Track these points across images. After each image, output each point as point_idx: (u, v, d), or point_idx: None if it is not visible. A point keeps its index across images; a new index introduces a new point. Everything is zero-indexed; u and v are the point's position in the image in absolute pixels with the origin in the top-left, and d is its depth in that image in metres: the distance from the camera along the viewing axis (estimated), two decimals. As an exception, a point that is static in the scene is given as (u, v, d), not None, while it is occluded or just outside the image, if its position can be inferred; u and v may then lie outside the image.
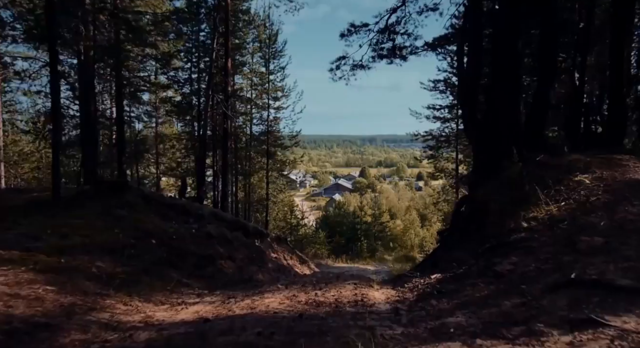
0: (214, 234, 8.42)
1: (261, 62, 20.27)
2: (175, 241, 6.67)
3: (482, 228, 5.61)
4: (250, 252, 9.44)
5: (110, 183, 7.77)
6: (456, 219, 7.20)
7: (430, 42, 10.24)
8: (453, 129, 17.03)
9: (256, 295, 4.46)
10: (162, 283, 4.78)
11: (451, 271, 4.69)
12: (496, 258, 4.28)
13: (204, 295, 4.62)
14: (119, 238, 5.54)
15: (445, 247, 6.84)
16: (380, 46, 10.43)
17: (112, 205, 6.82)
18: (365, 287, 4.80)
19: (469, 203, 6.68)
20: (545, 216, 4.88)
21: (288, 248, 13.94)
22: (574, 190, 5.20)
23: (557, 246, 4.09)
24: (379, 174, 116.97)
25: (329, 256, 22.91)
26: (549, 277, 3.50)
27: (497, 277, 3.89)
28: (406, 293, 4.41)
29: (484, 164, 7.04)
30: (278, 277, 9.05)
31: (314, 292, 4.40)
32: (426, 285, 4.52)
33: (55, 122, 7.19)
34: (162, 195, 8.98)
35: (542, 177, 5.65)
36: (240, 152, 20.94)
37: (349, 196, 63.95)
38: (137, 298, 4.05)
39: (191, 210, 9.02)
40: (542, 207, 5.05)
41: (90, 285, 3.96)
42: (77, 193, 7.13)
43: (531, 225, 4.83)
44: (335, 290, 4.51)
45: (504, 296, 3.44)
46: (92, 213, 6.24)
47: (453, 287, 4.07)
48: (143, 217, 6.96)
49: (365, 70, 10.63)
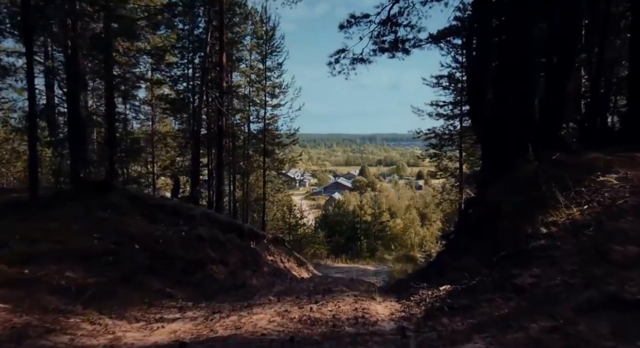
0: (206, 237, 7.93)
1: (258, 58, 19.78)
2: (162, 245, 6.19)
3: (494, 233, 5.12)
4: (244, 255, 8.95)
5: (94, 183, 7.28)
6: (463, 222, 6.73)
7: (435, 34, 9.72)
8: (456, 126, 16.53)
9: (244, 309, 3.98)
10: (140, 295, 4.29)
11: (462, 282, 4.21)
12: (514, 269, 3.80)
13: (187, 309, 4.14)
14: (97, 243, 5.05)
15: (452, 252, 6.36)
16: (381, 39, 9.94)
17: (94, 206, 6.34)
18: (366, 299, 4.32)
19: (478, 204, 6.19)
20: (566, 221, 4.38)
21: (285, 249, 13.46)
22: (596, 192, 4.71)
23: (584, 256, 3.61)
24: (379, 172, 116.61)
25: (329, 256, 22.48)
26: (580, 294, 3.02)
27: (517, 292, 3.41)
28: (412, 308, 3.93)
29: (493, 162, 6.56)
30: (273, 281, 8.58)
31: (308, 307, 3.92)
32: (435, 298, 4.04)
33: (31, 118, 6.70)
34: (150, 196, 8.50)
35: (559, 177, 5.15)
36: (238, 150, 20.45)
37: (349, 195, 63.54)
38: (108, 315, 3.57)
39: (182, 211, 8.53)
40: (562, 211, 4.56)
41: (53, 301, 3.47)
42: (56, 194, 6.65)
43: (551, 230, 4.34)
44: (333, 304, 4.03)
45: (529, 316, 2.96)
46: (71, 216, 5.75)
47: (466, 302, 3.59)
48: (127, 219, 6.47)
49: (366, 64, 10.14)
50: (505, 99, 6.28)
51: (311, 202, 68.09)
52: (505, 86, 6.26)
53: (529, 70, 5.92)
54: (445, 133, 16.71)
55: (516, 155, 6.03)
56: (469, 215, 6.48)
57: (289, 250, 13.85)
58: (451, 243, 7.35)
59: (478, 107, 7.05)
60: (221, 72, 13.34)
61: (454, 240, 7.29)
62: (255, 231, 11.31)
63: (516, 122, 6.08)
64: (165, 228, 7.08)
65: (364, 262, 21.64)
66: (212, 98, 13.89)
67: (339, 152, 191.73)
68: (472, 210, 6.42)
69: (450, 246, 7.15)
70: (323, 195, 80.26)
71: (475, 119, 7.31)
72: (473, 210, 6.35)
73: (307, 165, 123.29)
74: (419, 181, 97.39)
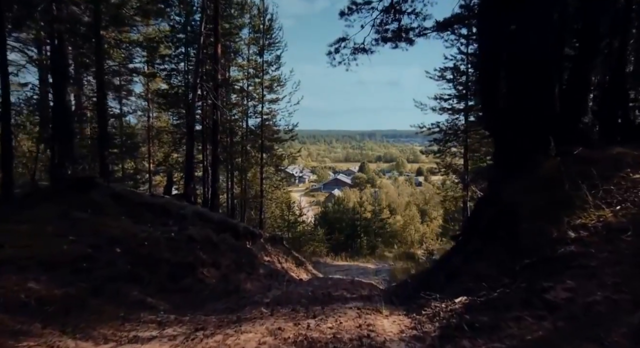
0: (197, 238, 7.43)
1: (256, 51, 19.17)
2: (146, 248, 5.68)
3: (512, 237, 4.59)
4: (239, 256, 8.45)
5: (74, 181, 6.75)
6: (475, 222, 6.21)
7: (442, 21, 9.15)
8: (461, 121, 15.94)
9: (232, 325, 3.47)
10: (115, 308, 3.78)
11: (480, 293, 3.69)
12: (542, 281, 3.28)
13: (167, 324, 3.62)
14: (69, 247, 4.53)
15: (463, 255, 5.84)
16: (384, 27, 9.36)
17: (72, 206, 5.81)
18: (371, 312, 3.82)
19: (491, 204, 5.67)
20: (597, 223, 3.87)
21: (283, 249, 12.97)
22: (629, 191, 4.20)
23: (626, 266, 3.11)
24: (379, 169, 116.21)
25: (328, 254, 22.02)
26: (632, 314, 2.53)
27: (550, 310, 2.90)
28: (425, 324, 3.43)
29: (507, 158, 6.03)
30: (269, 284, 8.08)
31: (305, 323, 3.41)
32: (450, 312, 3.53)
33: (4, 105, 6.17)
34: (138, 194, 7.97)
35: (585, 174, 4.63)
36: (236, 146, 19.91)
37: (349, 191, 63.23)
38: (72, 335, 3.06)
39: (172, 210, 8.02)
40: (591, 212, 4.04)
41: (5, 320, 2.96)
42: (31, 193, 6.13)
43: (580, 235, 3.82)
44: (334, 319, 3.53)
45: (570, 342, 2.46)
46: (45, 217, 5.23)
47: (489, 320, 3.08)
48: (109, 219, 5.95)
49: (367, 54, 9.56)
50: (522, 88, 5.75)
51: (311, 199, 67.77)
52: (521, 74, 5.72)
53: (550, 56, 5.38)
54: (450, 128, 16.12)
55: (534, 151, 5.51)
56: (481, 216, 5.96)
57: (287, 250, 13.37)
58: (459, 245, 6.85)
59: (490, 97, 6.51)
60: (216, 64, 12.76)
61: (462, 242, 6.79)
62: (251, 230, 10.80)
63: (534, 113, 5.56)
64: (152, 229, 6.56)
65: (364, 259, 21.19)
66: (207, 91, 13.32)
67: (339, 148, 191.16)
68: (484, 210, 5.90)
69: (458, 248, 6.64)
70: (322, 191, 79.97)
71: (487, 111, 6.77)
72: (486, 210, 5.84)
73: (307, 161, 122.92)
74: (418, 177, 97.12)
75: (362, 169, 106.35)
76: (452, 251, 7.20)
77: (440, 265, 7.18)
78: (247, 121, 20.27)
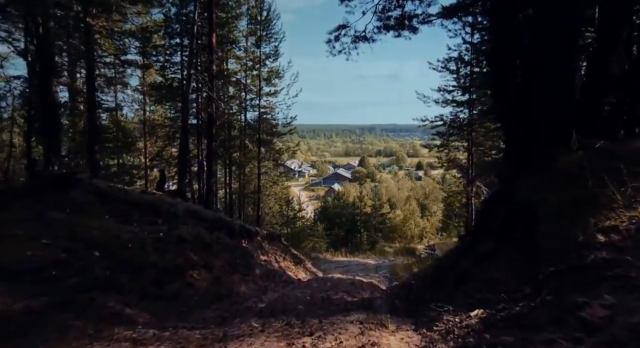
0: (188, 238, 6.99)
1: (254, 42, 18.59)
2: (130, 251, 5.24)
3: (530, 240, 4.15)
4: (233, 256, 8.02)
5: (53, 177, 6.30)
6: (484, 222, 5.77)
7: (448, 6, 8.62)
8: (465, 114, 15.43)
9: (216, 345, 3.04)
10: (84, 323, 3.33)
11: (499, 306, 3.25)
12: (574, 294, 2.84)
13: (143, 343, 3.18)
14: (40, 253, 4.08)
15: (472, 258, 5.40)
16: (386, 14, 8.85)
17: (49, 205, 5.36)
18: (375, 328, 3.38)
19: (504, 203, 5.22)
20: (629, 225, 3.40)
21: (281, 247, 12.53)
22: (663, 189, 3.76)
23: (674, 278, 2.68)
24: (379, 163, 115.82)
25: (328, 249, 21.66)
26: (693, 341, 2.10)
27: (587, 331, 2.47)
28: (437, 343, 3.00)
29: (521, 153, 5.57)
30: (265, 286, 7.67)
31: (300, 342, 2.98)
32: (466, 329, 3.09)
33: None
34: (124, 191, 7.51)
35: (611, 169, 4.17)
36: (235, 140, 19.42)
37: (349, 186, 62.82)
38: (26, 360, 2.61)
39: (162, 208, 7.57)
40: (620, 212, 3.58)
41: (-54, 344, 2.52)
42: (2, 191, 5.67)
43: (611, 238, 3.36)
44: (333, 337, 3.09)
45: (618, 375, 2.04)
46: (15, 218, 4.77)
47: (514, 342, 2.64)
48: (90, 220, 5.50)
49: (369, 43, 9.07)
50: (538, 77, 5.26)
51: (310, 193, 67.37)
52: (538, 62, 5.23)
53: (570, 38, 4.90)
54: (454, 121, 15.61)
55: (551, 144, 5.05)
56: (492, 216, 5.51)
57: (285, 247, 12.93)
58: (467, 246, 6.41)
59: (502, 87, 6.03)
60: (211, 55, 12.24)
61: (470, 243, 6.35)
62: (247, 228, 10.35)
63: (552, 104, 5.08)
64: (138, 229, 6.12)
65: (364, 255, 20.85)
66: (201, 83, 12.80)
67: (339, 142, 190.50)
68: (496, 209, 5.45)
69: (467, 249, 6.20)
70: (322, 186, 79.53)
71: (498, 102, 6.30)
72: (497, 209, 5.39)
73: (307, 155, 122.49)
74: (418, 172, 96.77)
75: (362, 163, 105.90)
76: (459, 252, 6.77)
77: (446, 266, 6.75)
78: (245, 114, 19.78)
